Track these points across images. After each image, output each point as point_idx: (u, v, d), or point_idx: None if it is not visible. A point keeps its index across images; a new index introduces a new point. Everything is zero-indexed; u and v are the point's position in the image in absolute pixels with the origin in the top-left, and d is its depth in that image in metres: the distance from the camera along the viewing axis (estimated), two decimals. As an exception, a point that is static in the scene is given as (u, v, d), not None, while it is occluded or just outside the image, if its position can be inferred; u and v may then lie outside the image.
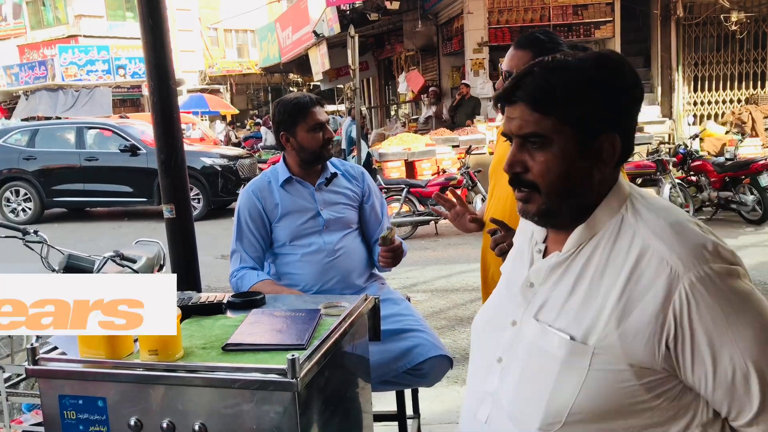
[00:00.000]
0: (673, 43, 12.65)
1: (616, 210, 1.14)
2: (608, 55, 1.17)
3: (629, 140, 1.15)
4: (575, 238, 1.15)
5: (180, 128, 2.59)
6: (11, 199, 11.13)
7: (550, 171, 1.12)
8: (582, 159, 1.11)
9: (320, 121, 2.45)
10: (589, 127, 1.10)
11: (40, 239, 3.71)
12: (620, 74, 1.12)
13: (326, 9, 13.27)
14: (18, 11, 30.56)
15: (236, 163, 11.26)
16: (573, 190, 1.13)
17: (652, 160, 8.68)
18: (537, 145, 1.12)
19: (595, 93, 1.09)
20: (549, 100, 1.09)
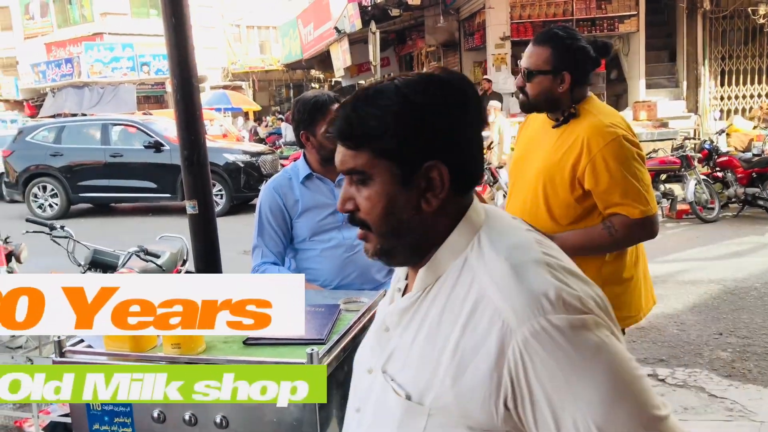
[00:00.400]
0: (700, 37, 12.45)
1: (462, 248, 1.01)
2: (430, 76, 1.03)
3: (465, 165, 1.02)
4: (421, 280, 1.04)
5: (203, 125, 2.62)
6: (38, 195, 11.34)
7: (375, 208, 1.01)
8: (406, 192, 1.00)
9: None
10: (408, 158, 0.99)
11: (66, 234, 3.79)
12: (440, 96, 0.99)
13: (348, 5, 13.29)
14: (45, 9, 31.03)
15: (258, 159, 11.33)
16: (402, 227, 1.02)
17: (676, 156, 8.57)
18: (359, 181, 1.02)
19: (409, 120, 0.98)
20: (357, 135, 1.00)
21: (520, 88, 2.11)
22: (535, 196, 2.04)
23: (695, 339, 4.43)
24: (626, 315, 2.06)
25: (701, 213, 8.21)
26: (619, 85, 13.15)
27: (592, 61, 2.03)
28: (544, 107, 2.09)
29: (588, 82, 2.07)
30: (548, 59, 2.01)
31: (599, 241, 1.97)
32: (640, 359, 4.11)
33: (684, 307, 5.10)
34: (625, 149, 1.92)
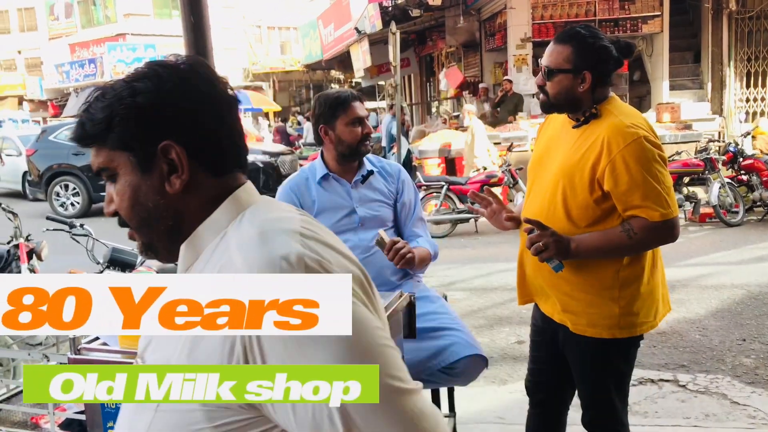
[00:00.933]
0: (725, 38, 12.26)
1: (223, 225, 1.01)
2: (158, 62, 1.02)
3: (208, 145, 1.00)
4: (183, 259, 1.05)
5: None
6: (60, 194, 11.50)
7: (123, 201, 1.01)
8: (149, 179, 1.00)
9: (360, 115, 2.45)
10: (139, 144, 0.98)
11: (85, 232, 3.83)
12: (166, 80, 0.98)
13: (368, 6, 13.29)
14: (70, 10, 31.53)
15: (277, 159, 11.39)
16: (151, 215, 1.01)
17: (700, 158, 8.44)
18: (110, 178, 1.02)
19: (133, 108, 0.97)
20: (90, 134, 0.99)
21: (540, 87, 2.07)
22: (553, 197, 2.00)
23: (718, 345, 4.35)
24: (643, 320, 2.02)
25: (725, 217, 8.08)
26: (642, 87, 12.99)
27: (614, 61, 1.99)
28: (564, 107, 2.05)
29: (610, 82, 2.03)
30: (569, 58, 1.97)
31: (618, 243, 1.93)
32: (661, 364, 4.05)
33: (706, 312, 5.01)
34: (646, 150, 1.88)
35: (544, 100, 2.07)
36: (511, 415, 3.37)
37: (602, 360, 2.06)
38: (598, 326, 1.99)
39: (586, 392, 2.16)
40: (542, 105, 2.11)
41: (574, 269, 1.99)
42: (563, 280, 2.02)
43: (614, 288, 1.97)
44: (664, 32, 12.13)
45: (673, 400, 3.57)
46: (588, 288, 1.99)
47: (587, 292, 1.99)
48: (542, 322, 2.20)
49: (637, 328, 2.01)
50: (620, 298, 1.97)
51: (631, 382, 3.69)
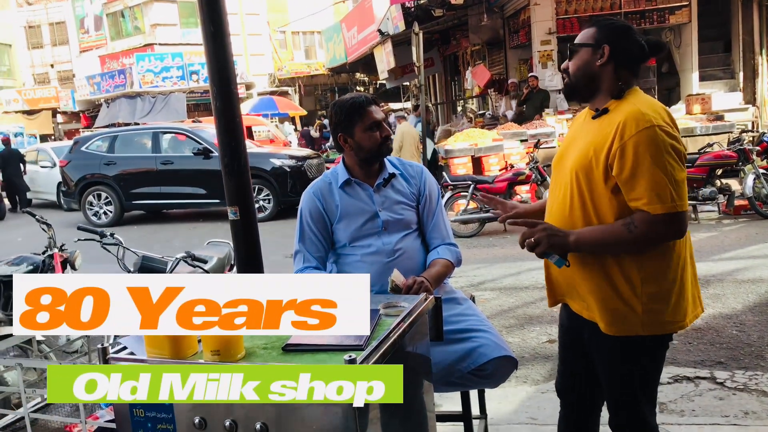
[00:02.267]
0: (756, 26, 11.96)
1: None
2: None
3: None
4: None
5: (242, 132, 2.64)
6: (93, 203, 11.72)
7: None
8: None
9: (377, 119, 2.44)
10: None
11: (116, 242, 3.89)
12: None
13: (391, 7, 13.29)
14: (99, 23, 32.13)
15: (304, 163, 11.44)
16: None
17: (733, 149, 8.24)
18: None
19: None
20: None
21: (564, 71, 2.07)
22: (571, 189, 1.97)
23: (756, 341, 4.23)
24: (670, 320, 1.96)
25: (761, 208, 7.88)
26: (671, 79, 12.75)
27: (639, 48, 1.96)
28: (584, 87, 2.02)
29: (634, 68, 1.99)
30: (593, 35, 1.99)
31: (617, 237, 1.88)
32: (697, 362, 3.96)
33: (743, 307, 4.89)
34: (658, 139, 1.83)
35: (567, 81, 2.06)
36: (543, 416, 3.33)
37: (627, 360, 2.01)
38: (620, 324, 1.94)
39: (612, 394, 2.11)
40: (564, 89, 2.11)
41: (592, 265, 1.96)
42: (583, 277, 1.99)
43: (635, 285, 1.92)
44: (693, 22, 11.89)
45: (710, 398, 3.48)
46: (608, 285, 1.95)
47: (607, 289, 1.95)
48: (569, 322, 2.17)
49: (662, 327, 1.96)
50: (642, 294, 1.92)
51: (667, 379, 3.66)
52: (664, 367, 2.18)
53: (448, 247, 2.55)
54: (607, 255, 1.94)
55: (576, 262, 2.00)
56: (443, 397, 3.44)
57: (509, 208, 2.26)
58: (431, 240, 2.57)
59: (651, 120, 1.84)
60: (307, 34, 34.12)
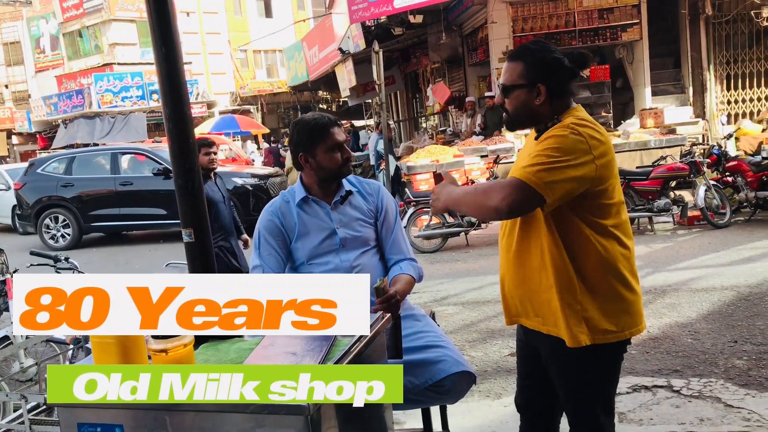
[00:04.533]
0: (703, 42, 12.40)
1: None
2: None
3: None
4: None
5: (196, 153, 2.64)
6: (51, 226, 11.44)
7: None
8: None
9: (339, 141, 2.46)
10: None
11: (71, 266, 3.81)
12: None
13: (351, 26, 13.39)
14: (56, 43, 31.62)
15: (267, 182, 11.39)
16: None
17: (685, 162, 8.49)
18: None
19: None
20: None
21: (500, 106, 2.11)
22: None
23: (710, 348, 4.35)
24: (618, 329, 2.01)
25: (713, 219, 8.13)
26: (626, 94, 13.10)
27: (568, 72, 2.02)
28: (525, 122, 2.08)
29: (567, 93, 2.04)
30: (522, 73, 2.01)
31: (473, 194, 2.00)
32: (654, 370, 4.04)
33: (698, 316, 5.02)
34: (567, 140, 1.88)
35: (506, 117, 2.11)
36: (506, 429, 3.35)
37: (584, 372, 2.05)
38: (573, 336, 1.99)
39: (571, 406, 2.15)
40: (506, 123, 2.15)
41: (540, 282, 2.01)
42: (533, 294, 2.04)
43: (583, 297, 1.97)
44: (644, 39, 12.26)
45: (667, 406, 3.56)
46: (558, 299, 1.99)
47: (558, 303, 1.99)
48: (525, 337, 2.20)
49: (613, 335, 2.01)
50: (591, 307, 1.97)
51: (626, 389, 3.73)
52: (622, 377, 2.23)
53: (410, 263, 2.58)
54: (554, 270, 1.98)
55: (525, 280, 2.05)
56: (406, 414, 3.44)
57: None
58: (391, 256, 2.58)
59: (570, 127, 1.92)
60: (269, 53, 34.12)
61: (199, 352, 1.79)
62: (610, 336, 2.00)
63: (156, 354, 1.56)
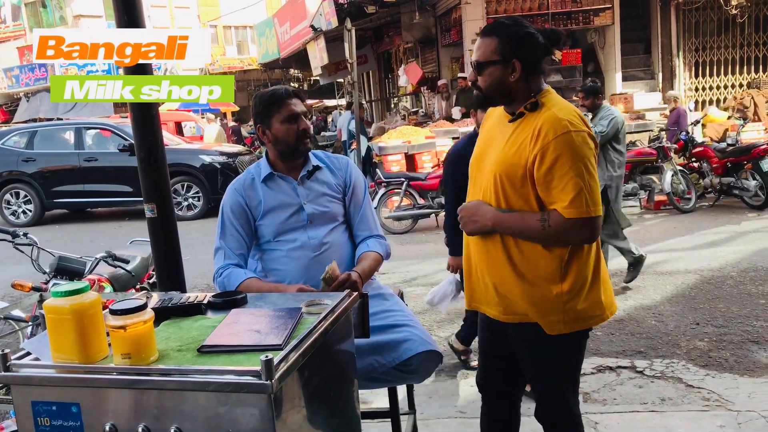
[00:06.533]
0: (674, 29, 12.52)
1: None
2: None
3: None
4: None
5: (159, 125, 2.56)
6: (11, 202, 11.13)
7: None
8: None
9: (295, 111, 2.40)
10: None
11: (30, 242, 3.69)
12: None
13: (323, 3, 13.18)
14: (17, 13, 30.56)
15: (236, 160, 11.23)
16: None
17: (653, 147, 8.61)
18: None
19: None
20: None
21: (473, 83, 2.06)
22: (493, 192, 1.99)
23: (673, 330, 4.43)
24: (591, 314, 2.01)
25: (678, 203, 8.27)
26: (596, 78, 13.17)
27: (542, 48, 1.98)
28: (499, 99, 2.04)
29: (541, 71, 2.01)
30: (496, 49, 1.96)
31: (532, 231, 1.93)
32: (619, 351, 4.10)
33: (662, 298, 5.11)
34: (575, 145, 1.87)
35: (479, 94, 2.05)
36: (472, 409, 3.37)
37: (552, 355, 2.05)
38: (543, 323, 1.98)
39: (538, 387, 2.15)
40: (477, 100, 2.09)
41: (515, 263, 1.99)
42: (499, 281, 2.02)
43: (556, 282, 1.96)
44: (615, 24, 12.32)
45: (630, 387, 3.62)
46: (530, 282, 1.98)
47: (529, 287, 1.98)
48: (489, 318, 2.19)
49: (583, 322, 2.01)
50: (562, 293, 1.96)
51: (591, 370, 3.78)
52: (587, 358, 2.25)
53: (377, 240, 2.54)
54: (523, 257, 1.97)
55: (492, 266, 2.03)
56: (373, 394, 3.43)
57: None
58: (359, 232, 2.55)
59: (567, 125, 1.88)
60: (239, 29, 33.51)
61: (160, 329, 1.74)
62: (582, 323, 2.00)
63: (114, 330, 1.51)
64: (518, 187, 1.94)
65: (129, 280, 4.01)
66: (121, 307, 1.52)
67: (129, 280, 4.01)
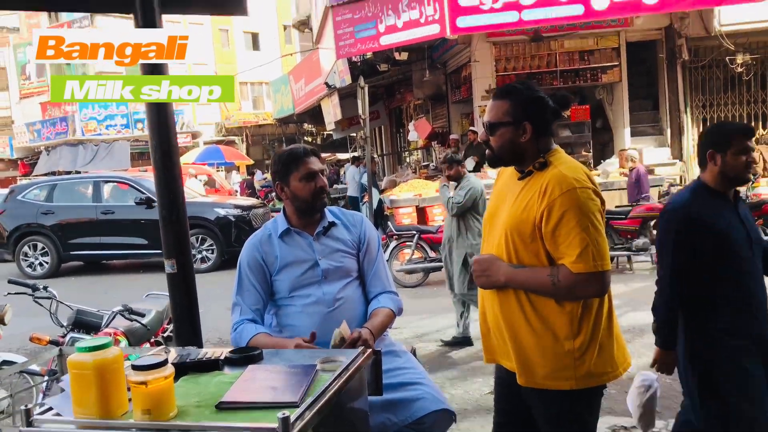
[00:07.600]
0: (680, 86, 12.71)
1: None
2: None
3: None
4: None
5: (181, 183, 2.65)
6: (29, 254, 11.27)
7: None
8: None
9: (313, 170, 2.49)
10: None
11: (49, 295, 3.76)
12: None
13: (337, 61, 13.56)
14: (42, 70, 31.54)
15: (250, 212, 11.36)
16: None
17: (663, 202, 8.63)
18: None
19: None
20: None
21: (485, 143, 2.16)
22: (503, 248, 2.06)
23: (687, 388, 4.36)
24: (603, 371, 2.03)
25: (690, 258, 8.21)
26: (605, 134, 13.34)
27: (552, 111, 2.08)
28: (509, 159, 2.13)
29: (550, 132, 2.11)
30: (508, 111, 2.07)
31: (542, 286, 1.98)
32: (626, 412, 4.04)
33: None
34: (580, 201, 1.94)
35: (490, 154, 2.15)
36: (485, 468, 3.33)
37: (566, 412, 2.06)
38: (556, 379, 2.01)
39: None
40: (489, 159, 2.19)
41: (528, 318, 2.03)
42: (513, 336, 2.05)
43: (568, 338, 1.99)
44: (623, 81, 12.54)
45: (645, 447, 3.55)
46: (543, 337, 2.01)
47: (542, 342, 2.01)
48: (506, 374, 2.21)
49: (595, 379, 2.03)
50: (575, 350, 1.99)
51: (605, 430, 3.72)
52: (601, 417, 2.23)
53: (389, 296, 2.58)
54: (536, 312, 2.02)
55: (507, 320, 2.07)
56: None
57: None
58: (372, 288, 2.59)
59: (572, 182, 1.95)
60: (255, 85, 34.33)
61: (178, 385, 1.78)
62: (595, 380, 2.02)
63: (136, 386, 1.56)
64: (528, 243, 2.00)
65: (144, 334, 4.06)
66: (143, 363, 1.57)
67: (144, 334, 4.06)
